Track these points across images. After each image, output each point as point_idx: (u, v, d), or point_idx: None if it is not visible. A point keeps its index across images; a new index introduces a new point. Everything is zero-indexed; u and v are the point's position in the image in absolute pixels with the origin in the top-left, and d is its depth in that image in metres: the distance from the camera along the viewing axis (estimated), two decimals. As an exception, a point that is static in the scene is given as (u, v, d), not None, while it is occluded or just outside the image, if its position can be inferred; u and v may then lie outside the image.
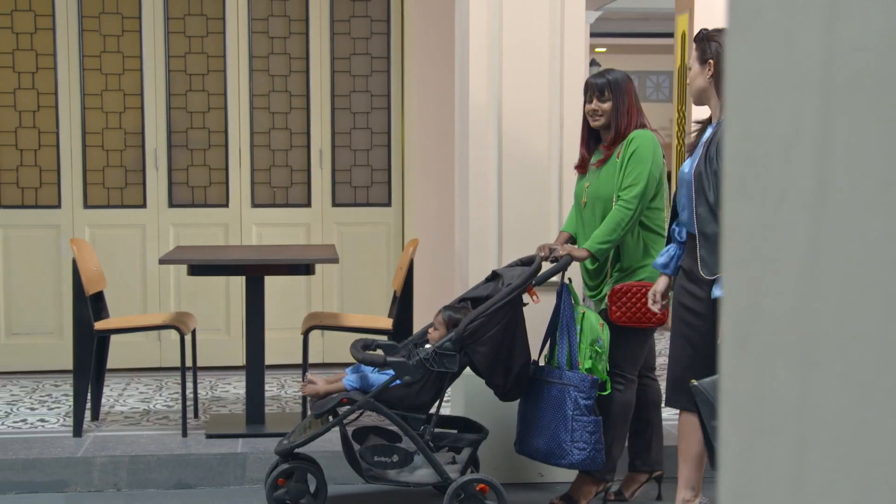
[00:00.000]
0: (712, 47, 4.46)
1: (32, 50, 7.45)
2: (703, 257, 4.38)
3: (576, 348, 4.91)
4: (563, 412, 4.86)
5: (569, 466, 4.93)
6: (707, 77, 4.47)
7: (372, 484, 4.97)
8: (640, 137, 4.91)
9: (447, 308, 5.05)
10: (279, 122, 7.68)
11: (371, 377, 4.93)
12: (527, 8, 5.45)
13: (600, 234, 4.88)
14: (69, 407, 6.51)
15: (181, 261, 5.68)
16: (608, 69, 5.11)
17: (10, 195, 7.48)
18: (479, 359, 4.82)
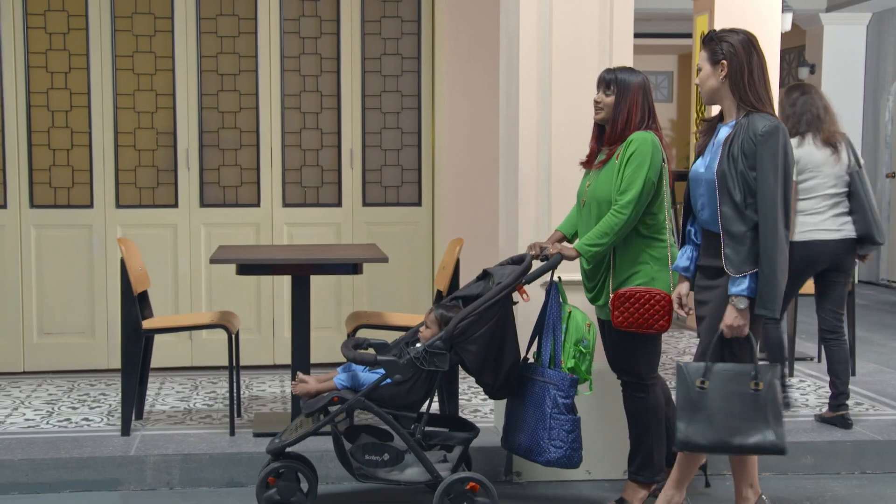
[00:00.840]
0: (724, 48, 4.50)
1: (65, 50, 7.46)
2: (728, 255, 4.43)
3: (560, 347, 4.95)
4: (543, 410, 4.91)
5: (545, 464, 4.96)
6: (720, 77, 4.51)
7: (363, 483, 4.99)
8: (638, 140, 4.92)
9: (439, 306, 5.08)
10: (310, 121, 7.71)
11: (361, 376, 4.96)
12: (576, 9, 5.49)
13: (591, 237, 4.90)
14: (109, 406, 6.54)
15: (231, 260, 5.70)
16: (628, 68, 5.12)
17: (43, 195, 7.48)
18: (469, 357, 4.85)
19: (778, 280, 4.36)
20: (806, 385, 7.17)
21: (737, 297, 4.40)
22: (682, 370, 4.51)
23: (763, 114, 4.43)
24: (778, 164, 4.36)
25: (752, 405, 4.44)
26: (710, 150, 4.57)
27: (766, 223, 4.36)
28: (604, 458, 5.62)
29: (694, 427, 4.45)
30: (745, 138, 4.40)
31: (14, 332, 7.47)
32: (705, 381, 4.45)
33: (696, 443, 4.47)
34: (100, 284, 7.52)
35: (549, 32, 5.51)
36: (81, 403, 6.62)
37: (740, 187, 4.41)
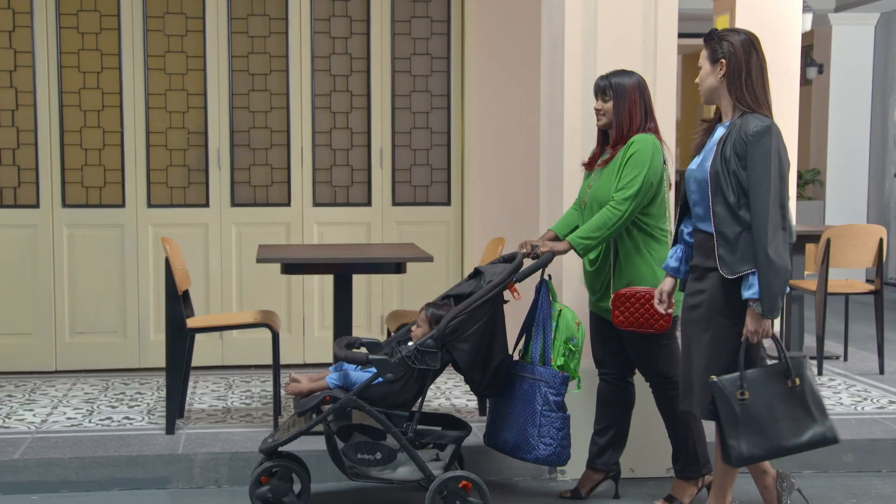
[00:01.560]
0: (724, 46, 4.49)
1: (97, 50, 7.48)
2: (722, 256, 4.43)
3: (550, 345, 4.98)
4: (532, 407, 4.94)
5: (534, 461, 4.99)
6: (718, 76, 4.51)
7: (355, 481, 5.01)
8: (639, 141, 4.98)
9: (430, 305, 5.11)
10: (340, 121, 7.74)
11: (353, 375, 4.98)
12: (621, 9, 5.53)
13: (585, 230, 4.94)
14: (148, 405, 6.56)
15: (276, 259, 5.73)
16: (621, 70, 5.16)
17: (75, 194, 7.50)
18: (461, 356, 4.88)
19: (771, 282, 4.32)
20: (836, 384, 7.23)
21: (754, 301, 4.37)
22: (716, 386, 4.45)
23: (757, 114, 4.42)
24: (770, 164, 4.34)
25: (795, 402, 4.46)
26: (705, 150, 4.58)
27: (757, 224, 4.35)
28: (647, 457, 5.66)
29: (747, 440, 4.42)
30: (738, 139, 4.39)
31: (47, 331, 7.49)
32: (745, 391, 4.42)
33: (754, 454, 4.45)
34: (131, 283, 7.54)
35: (594, 31, 5.54)
36: (119, 402, 6.65)
37: (733, 188, 4.40)
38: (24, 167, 7.44)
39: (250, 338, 7.49)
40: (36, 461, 5.44)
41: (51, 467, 5.44)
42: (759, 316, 4.37)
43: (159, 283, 7.51)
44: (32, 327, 7.48)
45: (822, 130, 13.77)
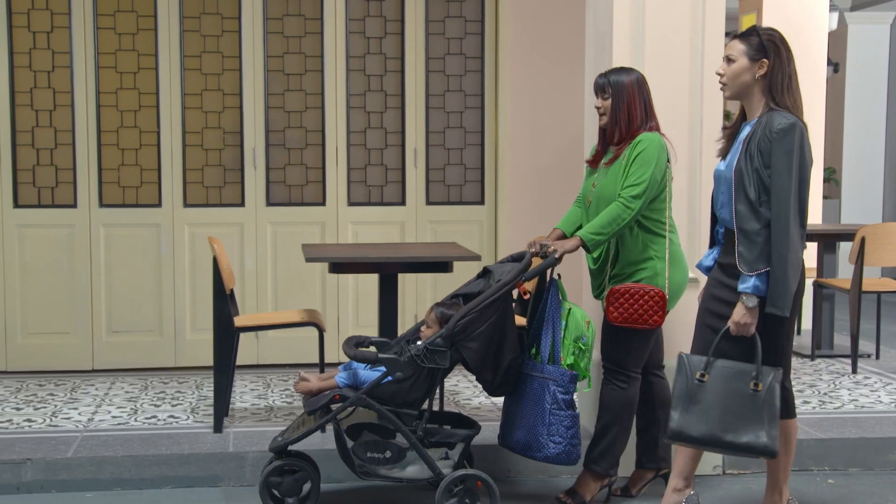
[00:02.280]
0: (768, 46, 4.50)
1: (134, 50, 7.51)
2: (741, 253, 4.46)
3: (559, 343, 5.00)
4: (542, 405, 4.94)
5: (544, 460, 4.99)
6: (756, 74, 4.52)
7: (365, 480, 5.02)
8: (646, 140, 5.01)
9: (439, 305, 5.12)
10: (375, 121, 7.78)
11: (362, 374, 5.00)
12: (669, 9, 5.56)
13: (595, 226, 4.96)
14: (190, 403, 6.60)
15: (324, 259, 5.76)
16: (619, 68, 5.20)
17: (112, 194, 7.53)
18: (470, 355, 4.89)
19: (788, 279, 4.37)
20: (872, 382, 7.27)
21: (746, 296, 4.42)
22: (682, 360, 4.53)
23: (782, 111, 4.45)
24: (793, 162, 4.37)
25: (750, 404, 4.45)
26: (733, 150, 4.60)
27: (778, 221, 4.38)
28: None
29: (687, 418, 4.47)
30: (763, 136, 4.42)
31: (84, 330, 7.52)
32: (705, 374, 4.47)
33: (688, 434, 4.48)
34: (167, 283, 7.58)
35: (643, 28, 5.57)
36: (161, 401, 6.68)
37: (755, 185, 4.43)
38: (61, 167, 7.47)
39: (285, 336, 7.53)
40: (89, 459, 5.47)
41: (104, 465, 5.47)
42: (749, 310, 4.42)
43: (195, 282, 7.56)
44: (70, 327, 7.51)
45: (837, 129, 13.81)
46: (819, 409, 6.48)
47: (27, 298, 7.47)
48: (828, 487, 5.59)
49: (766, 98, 4.52)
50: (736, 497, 5.45)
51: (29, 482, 5.40)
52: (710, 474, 5.71)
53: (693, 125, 5.63)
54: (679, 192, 5.60)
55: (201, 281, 7.57)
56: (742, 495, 5.47)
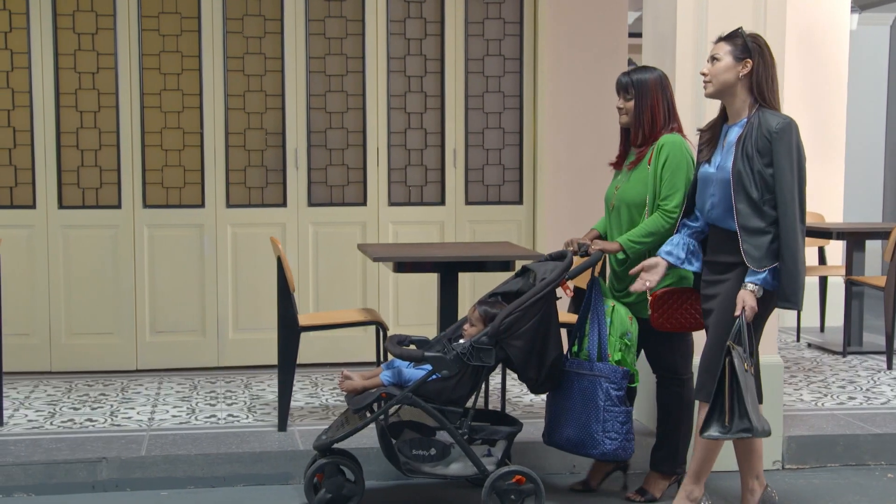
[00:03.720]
0: (751, 46, 4.62)
1: (178, 52, 7.54)
2: (747, 251, 4.55)
3: (605, 340, 5.05)
4: (595, 403, 4.99)
5: (600, 457, 5.06)
6: (740, 74, 4.63)
7: (409, 477, 5.06)
8: (669, 144, 5.06)
9: (482, 303, 5.17)
10: (415, 122, 7.84)
11: (406, 372, 5.04)
12: (731, 12, 5.65)
13: (636, 234, 5.05)
14: (245, 402, 6.65)
15: (390, 258, 5.82)
16: (642, 67, 5.27)
17: (155, 195, 7.56)
18: (515, 353, 4.94)
19: (800, 273, 4.49)
20: (911, 377, 7.41)
21: (756, 286, 4.53)
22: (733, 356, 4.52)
23: (773, 111, 4.57)
24: (793, 159, 4.49)
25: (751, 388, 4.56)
26: (720, 152, 4.69)
27: (786, 218, 4.49)
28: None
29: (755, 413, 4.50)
30: (759, 136, 4.52)
31: (128, 330, 7.55)
32: (750, 365, 4.55)
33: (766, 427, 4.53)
34: (210, 283, 7.61)
35: (705, 33, 5.65)
36: (215, 400, 6.72)
37: (757, 185, 4.53)
38: (105, 168, 7.50)
39: (321, 336, 7.56)
40: (163, 458, 5.51)
41: (177, 464, 5.52)
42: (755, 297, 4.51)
43: (237, 282, 7.61)
44: (114, 327, 7.54)
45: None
46: (866, 405, 6.59)
47: (71, 299, 7.49)
48: (889, 482, 5.69)
49: (749, 97, 4.63)
50: (800, 491, 5.54)
51: (104, 481, 5.44)
52: (769, 469, 5.80)
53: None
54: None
55: (243, 281, 7.62)
56: (806, 489, 5.56)
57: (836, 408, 6.53)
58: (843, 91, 9.42)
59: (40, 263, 7.42)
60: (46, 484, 5.40)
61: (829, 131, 9.57)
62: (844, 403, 6.64)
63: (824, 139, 9.53)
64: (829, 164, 9.59)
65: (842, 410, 6.46)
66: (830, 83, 9.50)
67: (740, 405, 4.50)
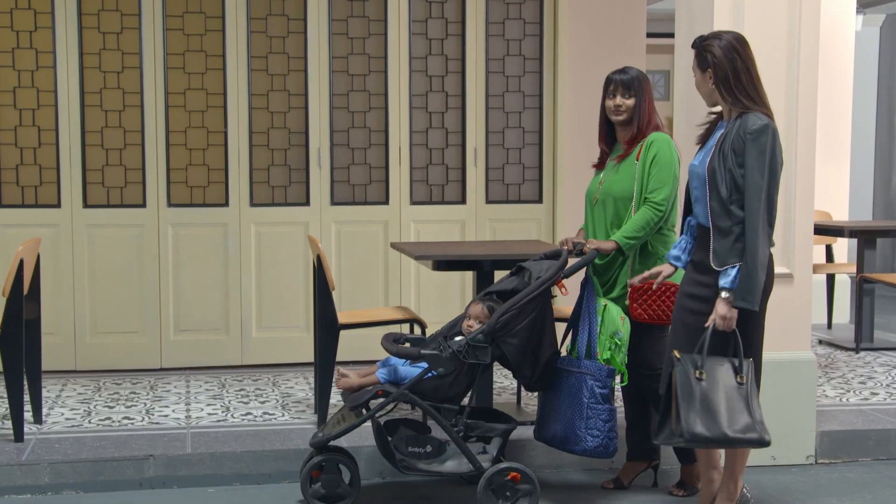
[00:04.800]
0: (707, 57, 4.69)
1: (202, 51, 7.57)
2: (714, 249, 4.62)
3: (595, 339, 5.11)
4: (579, 400, 5.05)
5: (581, 453, 5.09)
6: (709, 83, 4.71)
7: (404, 474, 5.10)
8: (659, 141, 5.17)
9: (481, 301, 5.22)
10: (436, 121, 7.90)
11: (402, 370, 5.08)
12: (767, 16, 5.74)
13: (629, 230, 5.13)
14: (277, 400, 6.70)
15: (432, 257, 5.87)
16: (628, 66, 5.40)
17: (180, 194, 7.59)
18: (510, 350, 5.00)
19: (758, 274, 4.53)
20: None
21: (728, 291, 4.57)
22: (682, 361, 4.57)
23: (757, 113, 4.62)
24: (765, 161, 4.54)
25: (738, 398, 4.59)
26: (706, 147, 4.78)
27: (750, 218, 4.54)
28: (787, 444, 5.87)
29: (696, 418, 4.51)
30: (736, 136, 4.58)
31: (152, 329, 7.57)
32: (702, 372, 4.56)
33: (702, 435, 4.52)
34: (234, 282, 7.65)
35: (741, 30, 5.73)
36: (247, 398, 6.76)
37: (727, 183, 4.59)
38: (130, 167, 7.52)
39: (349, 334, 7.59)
40: (210, 455, 5.55)
41: (224, 461, 5.56)
42: (730, 304, 4.56)
43: (261, 281, 7.65)
44: (138, 325, 7.56)
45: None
46: (891, 400, 6.70)
47: (96, 298, 7.51)
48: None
49: (729, 100, 4.68)
50: (835, 485, 5.63)
51: (151, 478, 5.48)
52: (803, 463, 5.90)
53: (790, 129, 5.80)
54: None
55: (267, 280, 7.66)
56: (841, 483, 5.65)
57: (862, 403, 6.63)
58: (848, 90, 9.54)
59: (65, 262, 7.43)
60: (94, 481, 5.43)
61: (834, 130, 9.69)
62: (868, 399, 6.74)
63: (831, 138, 9.65)
64: (835, 163, 9.72)
65: (868, 406, 6.56)
66: (836, 83, 9.62)
67: (677, 411, 4.56)
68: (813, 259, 5.97)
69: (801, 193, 5.83)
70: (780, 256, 5.82)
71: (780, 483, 5.64)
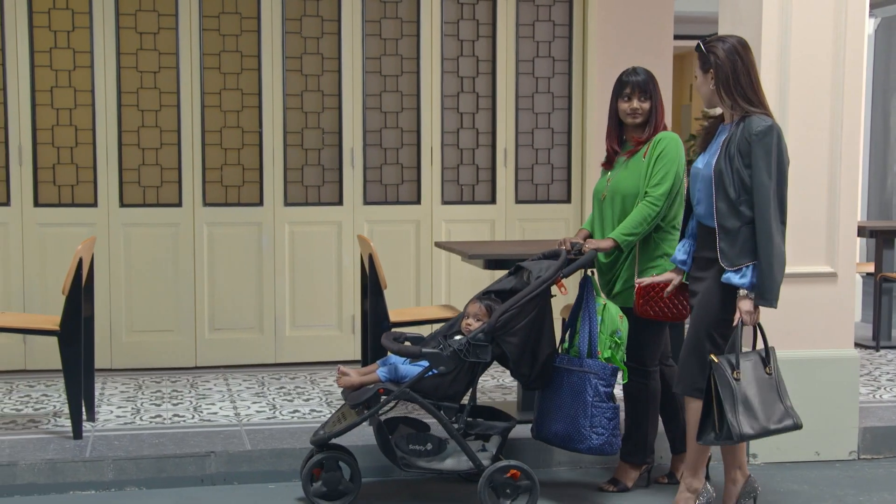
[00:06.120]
0: (710, 58, 4.78)
1: (238, 52, 7.62)
2: (722, 249, 4.71)
3: (596, 338, 5.17)
4: (583, 398, 5.09)
5: (586, 451, 5.15)
6: (710, 85, 4.80)
7: (404, 472, 5.16)
8: (666, 139, 5.26)
9: (481, 300, 5.29)
10: (467, 121, 7.98)
11: (402, 368, 5.14)
12: (813, 19, 5.85)
13: (626, 226, 5.20)
14: (319, 398, 6.76)
15: (482, 256, 5.95)
16: (638, 67, 5.47)
17: (215, 193, 7.64)
18: (510, 349, 5.05)
19: (774, 272, 4.64)
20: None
21: (746, 290, 4.67)
22: (718, 366, 4.67)
23: (760, 115, 4.72)
24: (772, 161, 4.64)
25: (771, 389, 4.73)
26: (710, 149, 4.86)
27: (761, 218, 4.65)
28: (831, 440, 5.98)
29: (744, 418, 4.63)
30: (742, 138, 4.68)
31: (188, 327, 7.62)
32: (738, 372, 4.67)
33: (748, 433, 4.65)
34: (268, 281, 7.70)
35: (788, 41, 5.84)
36: (289, 395, 6.82)
37: (735, 184, 4.69)
38: (166, 167, 7.56)
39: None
40: (269, 451, 5.61)
41: (283, 458, 5.61)
42: (751, 300, 4.66)
43: (294, 279, 7.71)
44: (174, 324, 7.61)
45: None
46: (922, 397, 6.84)
47: (132, 297, 7.55)
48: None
49: (729, 103, 4.77)
50: (880, 480, 5.74)
51: (212, 474, 5.53)
52: (846, 459, 6.01)
53: (835, 130, 5.92)
54: (818, 188, 5.88)
55: (300, 279, 7.72)
56: (885, 478, 5.77)
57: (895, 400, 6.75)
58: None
59: (101, 261, 7.46)
60: (157, 478, 5.48)
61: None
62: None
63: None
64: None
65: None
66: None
67: (720, 413, 4.65)
68: (856, 258, 6.07)
69: (846, 194, 5.94)
70: (823, 255, 5.95)
71: (829, 478, 5.75)
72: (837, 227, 5.94)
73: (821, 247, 5.96)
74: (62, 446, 5.62)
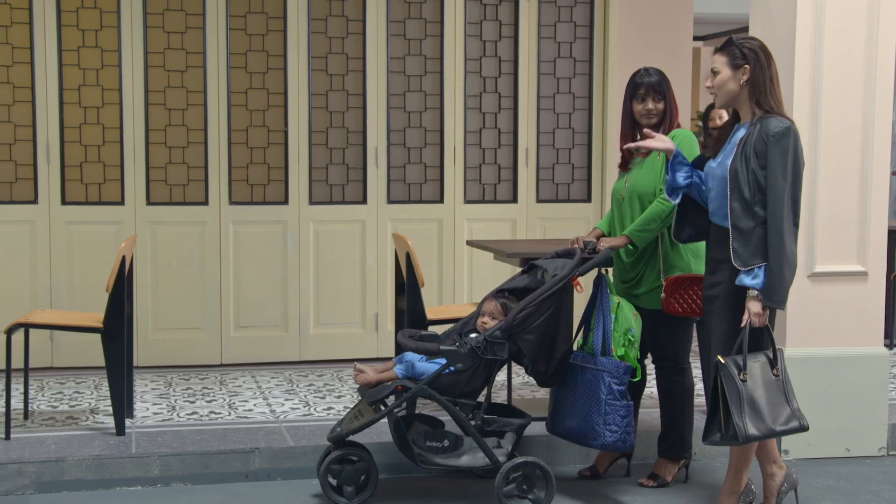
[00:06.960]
0: (746, 53, 4.79)
1: (264, 51, 7.67)
2: (735, 249, 4.74)
3: (610, 336, 5.22)
4: (597, 396, 5.14)
5: (600, 447, 5.25)
6: (741, 81, 4.81)
7: (421, 469, 5.18)
8: (681, 136, 5.31)
9: (495, 297, 5.35)
10: (489, 121, 8.05)
11: (419, 366, 5.18)
12: (846, 23, 5.93)
13: (639, 223, 5.27)
14: (351, 395, 6.80)
15: (519, 254, 6.01)
16: (650, 67, 5.52)
17: (241, 192, 7.68)
18: (527, 346, 5.10)
19: (784, 274, 4.68)
20: (971, 367, 7.76)
21: (756, 291, 4.70)
22: (725, 366, 4.71)
23: (778, 116, 4.75)
24: (787, 163, 4.68)
25: (778, 391, 4.77)
26: (725, 150, 4.88)
27: (773, 219, 4.68)
28: (861, 436, 6.07)
29: (750, 420, 4.67)
30: (759, 139, 4.71)
31: (213, 325, 7.66)
32: (745, 374, 4.70)
33: (755, 434, 4.69)
34: (293, 279, 7.75)
35: (821, 44, 5.91)
36: (320, 393, 6.87)
37: (750, 184, 4.72)
38: (192, 165, 7.59)
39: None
40: (312, 448, 5.65)
41: (321, 453, 5.65)
42: (760, 301, 4.69)
43: (319, 278, 7.76)
44: (200, 322, 7.64)
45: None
46: (945, 395, 6.93)
47: (158, 295, 7.58)
48: None
49: (751, 101, 4.81)
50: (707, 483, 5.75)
51: (257, 470, 5.58)
52: (875, 455, 6.10)
53: (866, 130, 6.00)
54: (850, 188, 5.96)
55: (325, 277, 7.77)
56: (915, 474, 5.86)
57: (919, 397, 6.85)
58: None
59: (128, 259, 7.48)
60: (202, 474, 5.52)
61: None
62: (922, 395, 6.97)
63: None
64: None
65: (927, 399, 6.78)
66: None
67: (726, 414, 4.70)
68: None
69: (876, 194, 6.01)
70: (854, 255, 6.03)
71: (861, 474, 5.83)
72: (868, 226, 6.03)
73: (852, 246, 6.04)
74: (106, 442, 5.65)
